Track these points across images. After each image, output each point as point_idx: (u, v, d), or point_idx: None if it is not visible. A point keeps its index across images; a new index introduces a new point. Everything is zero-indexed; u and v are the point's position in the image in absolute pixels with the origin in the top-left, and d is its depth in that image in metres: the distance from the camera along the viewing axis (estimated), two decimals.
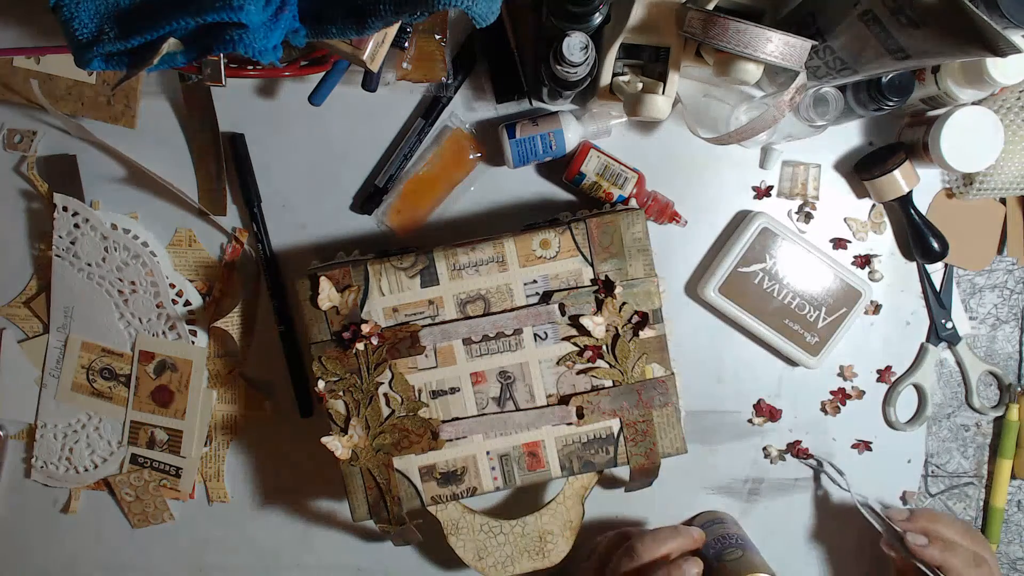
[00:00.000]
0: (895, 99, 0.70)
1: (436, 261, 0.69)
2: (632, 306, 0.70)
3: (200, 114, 0.77)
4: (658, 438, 0.72)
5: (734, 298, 0.78)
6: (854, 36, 0.60)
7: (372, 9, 0.58)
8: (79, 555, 0.84)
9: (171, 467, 0.81)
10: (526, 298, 0.70)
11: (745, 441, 0.83)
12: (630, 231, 0.70)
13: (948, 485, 0.86)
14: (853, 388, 0.83)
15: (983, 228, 0.82)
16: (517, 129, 0.75)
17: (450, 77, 0.74)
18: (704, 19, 0.62)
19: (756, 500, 0.84)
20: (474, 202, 0.79)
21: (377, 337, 0.70)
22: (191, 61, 0.61)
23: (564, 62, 0.64)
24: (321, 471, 0.81)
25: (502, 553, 0.73)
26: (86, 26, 0.59)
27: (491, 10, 0.59)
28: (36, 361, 0.81)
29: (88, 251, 0.78)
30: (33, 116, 0.78)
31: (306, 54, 0.71)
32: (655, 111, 0.66)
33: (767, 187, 0.80)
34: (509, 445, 0.72)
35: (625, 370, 0.71)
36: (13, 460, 0.82)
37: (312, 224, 0.80)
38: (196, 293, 0.80)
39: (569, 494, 0.73)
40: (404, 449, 0.71)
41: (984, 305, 0.84)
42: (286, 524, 0.83)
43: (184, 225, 0.80)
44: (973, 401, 0.84)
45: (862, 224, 0.81)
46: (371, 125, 0.78)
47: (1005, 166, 0.76)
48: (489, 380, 0.71)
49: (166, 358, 0.79)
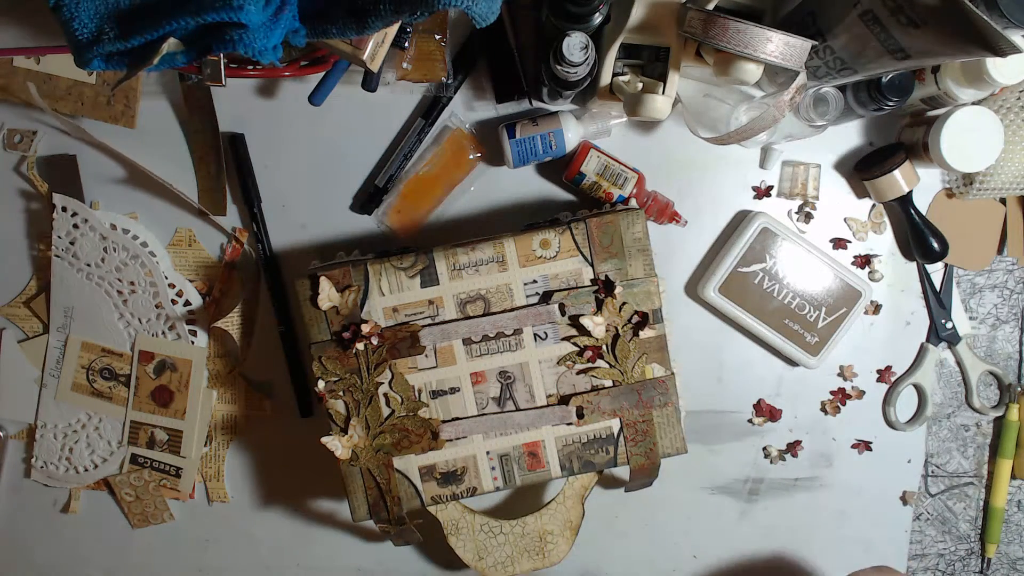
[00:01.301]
0: (895, 99, 0.70)
1: (436, 261, 0.69)
2: (632, 306, 0.70)
3: (200, 114, 0.77)
4: (658, 438, 0.72)
5: (734, 298, 0.78)
6: (854, 36, 0.60)
7: (372, 9, 0.58)
8: (79, 555, 0.84)
9: (171, 467, 0.81)
10: (526, 298, 0.70)
11: (745, 441, 0.83)
12: (630, 231, 0.70)
13: (948, 485, 0.86)
14: (853, 388, 0.83)
15: (983, 228, 0.82)
16: (517, 129, 0.74)
17: (450, 77, 0.74)
18: (704, 19, 0.62)
19: (756, 500, 0.84)
20: (474, 202, 0.79)
21: (377, 337, 0.70)
22: (191, 61, 0.61)
23: (564, 62, 0.64)
24: (321, 471, 0.81)
25: (502, 553, 0.73)
26: (86, 26, 0.59)
27: (491, 10, 0.59)
28: (36, 361, 0.81)
29: (87, 251, 0.78)
30: (33, 116, 0.78)
31: (306, 54, 0.71)
32: (655, 111, 0.66)
33: (767, 187, 0.80)
34: (509, 445, 0.72)
35: (625, 370, 0.71)
36: (13, 460, 0.82)
37: (312, 224, 0.80)
38: (196, 293, 0.80)
39: (569, 494, 0.73)
40: (404, 449, 0.71)
41: (984, 305, 0.84)
42: (286, 524, 0.83)
43: (184, 225, 0.80)
44: (973, 401, 0.84)
45: (862, 224, 0.81)
46: (371, 125, 0.78)
47: (1005, 166, 0.76)
48: (489, 380, 0.71)
49: (166, 358, 0.79)
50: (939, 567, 0.87)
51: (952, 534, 0.86)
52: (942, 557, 0.87)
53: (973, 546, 0.87)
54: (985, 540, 0.86)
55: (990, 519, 0.85)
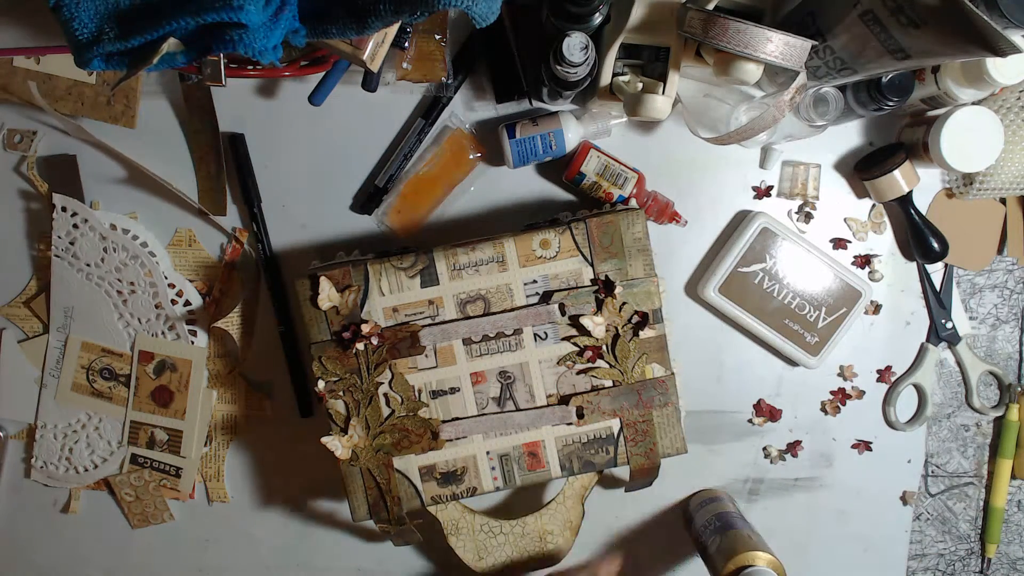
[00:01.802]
0: (895, 99, 0.70)
1: (436, 261, 0.69)
2: (632, 306, 0.70)
3: (200, 114, 0.77)
4: (658, 438, 0.72)
5: (734, 298, 0.78)
6: (854, 36, 0.60)
7: (372, 9, 0.58)
8: (79, 555, 0.84)
9: (171, 467, 0.81)
10: (526, 298, 0.70)
11: (745, 441, 0.83)
12: (630, 231, 0.70)
13: (948, 485, 0.86)
14: (853, 388, 0.83)
15: (983, 228, 0.82)
16: (517, 129, 0.74)
17: (450, 77, 0.74)
18: (704, 19, 0.62)
19: (756, 500, 0.84)
20: (474, 202, 0.79)
21: (377, 337, 0.70)
22: (191, 61, 0.61)
23: (564, 62, 0.64)
24: (321, 471, 0.81)
25: (502, 553, 0.73)
26: (86, 26, 0.59)
27: (491, 10, 0.59)
28: (36, 361, 0.81)
29: (87, 252, 0.78)
30: (33, 116, 0.78)
31: (306, 54, 0.71)
32: (655, 111, 0.66)
33: (767, 187, 0.80)
34: (509, 445, 0.72)
35: (625, 370, 0.71)
36: (13, 460, 0.82)
37: (312, 224, 0.80)
38: (196, 293, 0.80)
39: (569, 494, 0.73)
40: (404, 449, 0.71)
41: (984, 305, 0.84)
42: (286, 524, 0.83)
43: (184, 225, 0.80)
44: (973, 401, 0.84)
45: (862, 224, 0.81)
46: (371, 125, 0.78)
47: (1005, 166, 0.76)
48: (489, 380, 0.71)
49: (166, 358, 0.79)
50: (939, 567, 0.87)
51: (952, 534, 0.86)
52: (942, 557, 0.87)
53: (973, 546, 0.87)
54: (985, 540, 0.86)
55: (990, 519, 0.85)
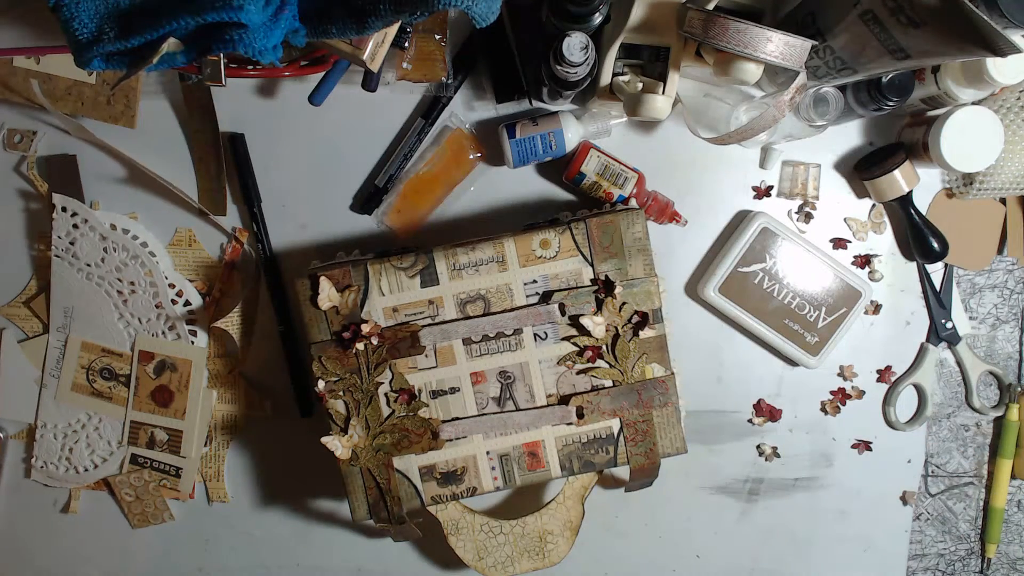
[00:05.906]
0: (895, 99, 0.70)
1: (436, 261, 0.69)
2: (632, 306, 0.70)
3: (200, 114, 0.77)
4: (658, 438, 0.72)
5: (734, 298, 0.78)
6: (854, 36, 0.60)
7: (372, 9, 0.58)
8: (79, 555, 0.84)
9: (171, 467, 0.81)
10: (526, 298, 0.70)
11: (745, 441, 0.83)
12: (630, 231, 0.70)
13: (948, 485, 0.86)
14: (853, 388, 0.83)
15: (983, 228, 0.82)
16: (517, 129, 0.74)
17: (450, 77, 0.74)
18: (704, 19, 0.62)
19: (756, 500, 0.84)
20: (474, 202, 0.79)
21: (377, 337, 0.70)
22: (191, 61, 0.61)
23: (564, 62, 0.64)
24: (321, 471, 0.81)
25: (502, 553, 0.73)
26: (86, 26, 0.59)
27: (491, 10, 0.59)
28: (36, 361, 0.81)
29: (87, 251, 0.78)
30: (33, 116, 0.78)
31: (306, 54, 0.71)
32: (655, 111, 0.66)
33: (767, 187, 0.80)
34: (509, 445, 0.72)
35: (625, 370, 0.71)
36: (13, 460, 0.82)
37: (312, 224, 0.80)
38: (196, 293, 0.80)
39: (569, 494, 0.73)
40: (404, 449, 0.71)
41: (984, 305, 0.84)
42: (286, 524, 0.83)
43: (184, 225, 0.80)
44: (973, 401, 0.84)
45: (862, 224, 0.81)
46: (371, 125, 0.78)
47: (1005, 166, 0.76)
48: (489, 380, 0.71)
49: (166, 358, 0.79)
50: (939, 567, 0.87)
51: (952, 534, 0.86)
52: (942, 557, 0.87)
53: (973, 546, 0.87)
54: (985, 540, 0.86)
55: (990, 519, 0.85)
